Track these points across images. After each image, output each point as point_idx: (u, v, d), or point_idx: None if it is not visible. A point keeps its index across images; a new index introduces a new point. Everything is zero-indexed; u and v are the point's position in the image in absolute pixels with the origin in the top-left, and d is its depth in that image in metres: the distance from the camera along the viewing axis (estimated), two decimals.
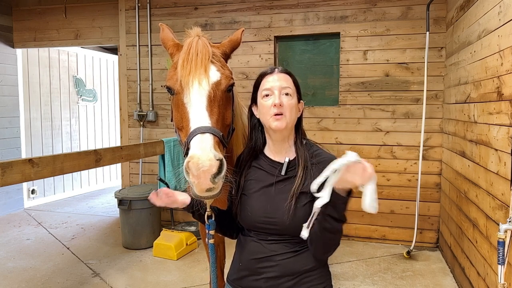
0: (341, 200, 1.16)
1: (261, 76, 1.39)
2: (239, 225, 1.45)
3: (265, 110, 1.33)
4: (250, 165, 1.42)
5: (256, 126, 1.43)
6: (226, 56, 1.52)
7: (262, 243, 1.33)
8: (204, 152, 1.18)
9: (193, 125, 1.28)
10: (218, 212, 1.46)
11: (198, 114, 1.30)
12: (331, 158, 1.35)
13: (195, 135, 1.24)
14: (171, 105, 1.49)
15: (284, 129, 1.33)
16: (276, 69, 1.39)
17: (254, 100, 1.42)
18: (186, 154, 1.26)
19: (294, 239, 1.30)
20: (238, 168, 1.45)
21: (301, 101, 1.42)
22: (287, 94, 1.33)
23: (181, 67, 1.35)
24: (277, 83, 1.33)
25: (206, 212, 1.39)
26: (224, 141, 1.31)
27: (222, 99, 1.38)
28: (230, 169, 1.36)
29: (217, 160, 1.19)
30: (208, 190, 1.20)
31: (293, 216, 1.27)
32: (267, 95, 1.33)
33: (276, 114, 1.30)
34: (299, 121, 1.43)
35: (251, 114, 1.45)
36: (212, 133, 1.25)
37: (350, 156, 1.09)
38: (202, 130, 1.25)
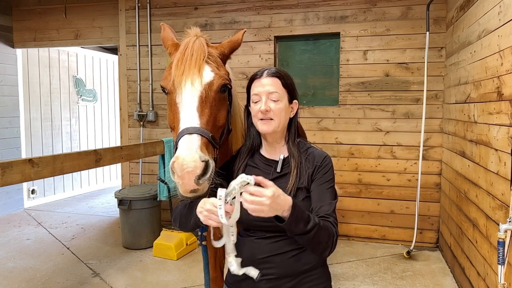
0: (282, 225, 1.14)
1: (251, 80, 1.41)
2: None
3: (254, 114, 1.37)
4: (246, 163, 1.43)
5: (253, 125, 1.44)
6: (224, 57, 1.51)
7: (261, 243, 1.33)
8: (189, 153, 1.18)
9: (182, 125, 1.29)
10: None
11: (188, 114, 1.30)
12: (321, 154, 1.40)
13: (183, 136, 1.24)
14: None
15: (273, 133, 1.35)
16: (265, 72, 1.38)
17: (249, 101, 1.43)
18: None
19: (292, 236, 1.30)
20: (234, 165, 1.45)
21: (295, 101, 1.42)
22: (274, 100, 1.34)
23: (175, 67, 1.36)
24: (264, 88, 1.34)
25: None
26: (214, 142, 1.31)
27: (215, 100, 1.38)
28: (220, 173, 1.36)
29: (203, 161, 1.18)
30: (193, 191, 1.20)
31: None
32: (256, 101, 1.36)
33: (262, 119, 1.33)
34: (292, 121, 1.43)
35: (247, 114, 1.46)
36: (200, 134, 1.25)
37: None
38: (190, 131, 1.25)
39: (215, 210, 1.12)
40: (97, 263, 3.69)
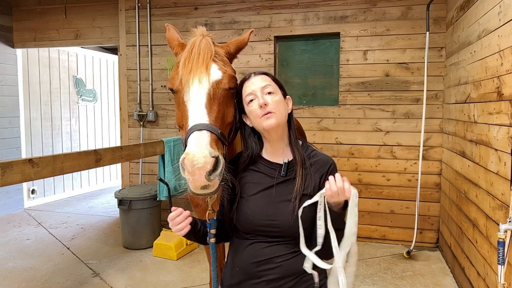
0: (335, 214, 1.23)
1: (241, 84, 1.41)
2: (229, 230, 1.44)
3: (253, 115, 1.34)
4: (246, 168, 1.41)
5: (251, 134, 1.42)
6: (230, 55, 1.52)
7: (261, 246, 1.32)
8: (199, 149, 1.18)
9: (191, 122, 1.29)
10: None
11: (197, 111, 1.30)
12: (327, 159, 1.39)
13: (192, 132, 1.24)
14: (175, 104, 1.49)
15: (277, 126, 1.32)
16: (252, 74, 1.40)
17: (242, 110, 1.41)
18: None
19: (294, 240, 1.30)
20: (234, 173, 1.43)
21: (288, 96, 1.41)
22: (270, 92, 1.33)
23: (182, 65, 1.36)
24: (257, 85, 1.34)
25: (208, 211, 1.39)
26: (223, 139, 1.31)
27: (223, 97, 1.38)
28: (230, 168, 1.36)
29: (213, 157, 1.18)
30: (204, 187, 1.20)
31: (296, 217, 1.26)
32: (251, 100, 1.34)
33: (264, 114, 1.30)
34: (290, 118, 1.41)
35: (242, 125, 1.43)
36: (209, 131, 1.25)
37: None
38: (199, 128, 1.25)
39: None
40: (97, 263, 3.69)
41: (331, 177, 1.19)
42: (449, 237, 3.52)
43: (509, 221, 1.86)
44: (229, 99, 1.43)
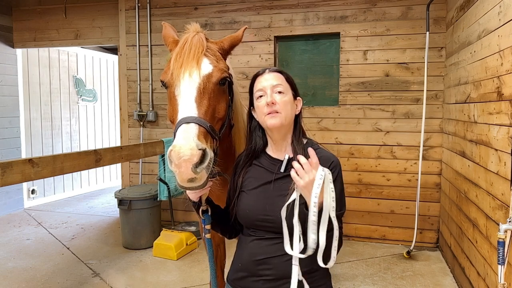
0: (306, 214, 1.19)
1: (254, 78, 1.40)
2: (236, 226, 1.45)
3: (259, 111, 1.35)
4: (250, 163, 1.42)
5: (257, 128, 1.43)
6: (224, 51, 1.52)
7: (260, 244, 1.32)
8: (186, 141, 1.18)
9: (180, 115, 1.29)
10: (218, 210, 1.46)
11: (186, 105, 1.31)
12: (329, 156, 1.37)
13: (180, 125, 1.24)
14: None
15: (281, 127, 1.33)
16: (267, 70, 1.39)
17: (252, 103, 1.42)
18: None
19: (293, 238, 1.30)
20: (236, 168, 1.45)
21: (298, 98, 1.41)
22: (280, 92, 1.33)
23: (174, 60, 1.37)
24: (268, 82, 1.34)
25: (201, 207, 1.39)
26: (213, 133, 1.31)
27: (214, 91, 1.38)
28: (220, 162, 1.35)
29: (199, 149, 1.18)
30: (190, 180, 1.19)
31: (290, 214, 1.26)
32: (260, 96, 1.34)
33: (270, 113, 1.31)
34: (297, 119, 1.41)
35: (250, 117, 1.44)
36: (198, 123, 1.25)
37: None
38: (187, 120, 1.25)
39: None
40: (97, 263, 3.69)
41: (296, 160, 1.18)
42: (449, 237, 3.52)
43: (509, 221, 1.86)
44: (221, 93, 1.43)
